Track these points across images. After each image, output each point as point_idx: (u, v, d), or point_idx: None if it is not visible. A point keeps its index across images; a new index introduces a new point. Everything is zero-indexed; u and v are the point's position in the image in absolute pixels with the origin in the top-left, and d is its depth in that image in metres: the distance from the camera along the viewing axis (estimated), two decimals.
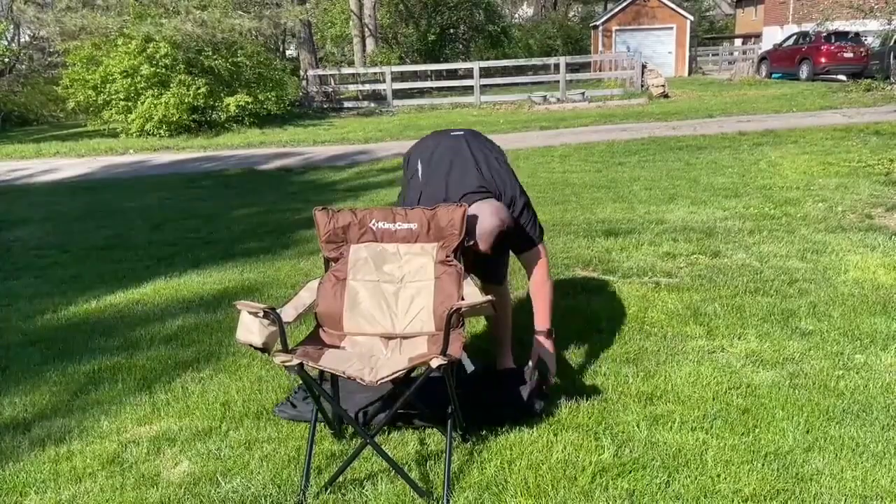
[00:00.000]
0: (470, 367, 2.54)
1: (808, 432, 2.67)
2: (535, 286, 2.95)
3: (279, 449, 2.72)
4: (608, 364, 3.33)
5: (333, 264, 2.77)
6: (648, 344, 3.52)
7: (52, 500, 2.46)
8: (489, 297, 2.39)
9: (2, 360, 3.77)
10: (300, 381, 3.17)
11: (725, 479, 2.41)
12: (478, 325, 3.81)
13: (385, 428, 2.76)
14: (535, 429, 2.77)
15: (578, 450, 2.62)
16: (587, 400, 2.97)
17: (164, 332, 4.08)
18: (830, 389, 2.98)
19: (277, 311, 2.43)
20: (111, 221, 7.62)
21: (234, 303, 2.52)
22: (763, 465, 2.48)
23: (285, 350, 2.39)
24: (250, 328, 2.37)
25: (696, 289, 4.25)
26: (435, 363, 2.26)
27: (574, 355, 3.46)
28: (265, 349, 2.39)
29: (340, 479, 2.47)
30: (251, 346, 2.41)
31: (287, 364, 2.32)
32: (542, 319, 2.92)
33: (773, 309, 3.88)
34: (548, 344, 2.90)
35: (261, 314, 2.36)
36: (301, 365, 2.32)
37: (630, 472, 2.47)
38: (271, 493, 2.43)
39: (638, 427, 2.76)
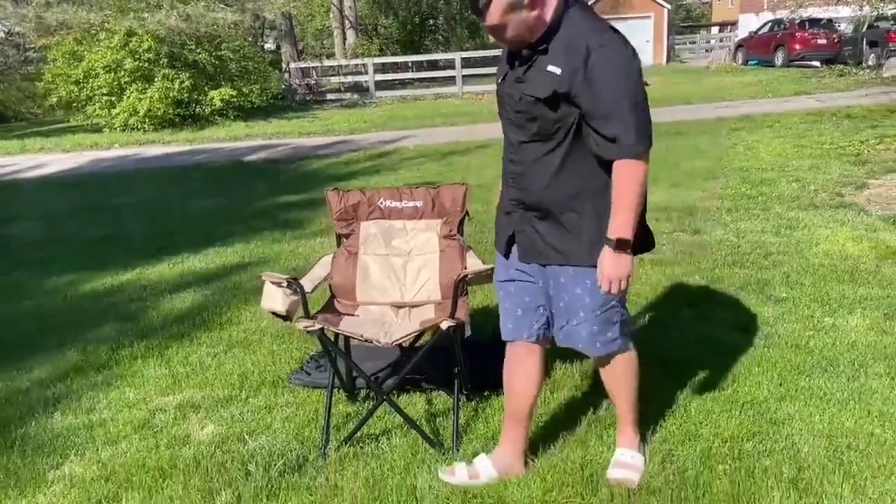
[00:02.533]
0: (468, 332, 2.76)
1: (780, 385, 2.94)
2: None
3: (298, 412, 2.95)
4: None
5: (345, 240, 2.99)
6: (634, 313, 3.77)
7: (94, 460, 2.67)
8: (491, 266, 2.61)
9: (21, 343, 3.95)
10: (311, 353, 3.42)
11: (707, 424, 2.67)
12: (473, 299, 4.04)
13: (395, 391, 2.98)
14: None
15: (574, 404, 2.86)
16: (578, 364, 3.21)
17: (175, 312, 4.28)
18: (801, 348, 3.25)
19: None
20: (105, 215, 7.75)
21: (260, 274, 2.73)
22: (740, 412, 2.74)
23: (307, 316, 2.61)
24: (274, 297, 2.59)
25: (678, 263, 4.52)
26: (445, 325, 2.49)
27: None
28: (287, 317, 2.62)
29: (357, 434, 2.69)
30: (275, 313, 2.63)
31: (309, 329, 2.54)
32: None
33: (749, 279, 4.15)
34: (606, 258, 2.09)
35: (284, 284, 2.57)
36: (322, 329, 2.55)
37: None
38: (295, 449, 2.65)
39: None
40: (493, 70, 22.55)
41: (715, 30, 40.73)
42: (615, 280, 2.08)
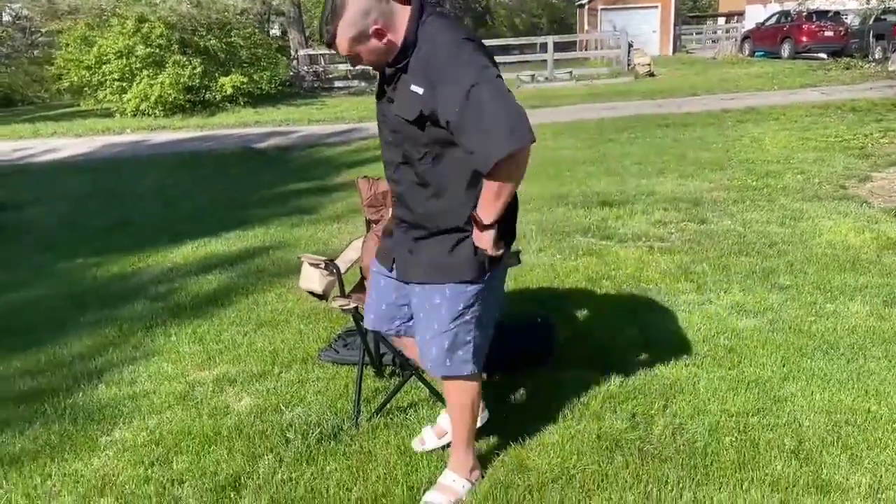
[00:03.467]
0: None
1: (784, 366, 3.12)
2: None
3: (329, 386, 3.13)
4: (610, 314, 3.76)
5: (374, 225, 3.16)
6: (645, 298, 3.95)
7: (141, 427, 2.86)
8: (518, 249, 2.79)
9: (58, 320, 4.14)
10: (338, 332, 3.60)
11: (714, 401, 2.85)
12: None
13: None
14: (549, 368, 3.18)
15: (588, 382, 3.04)
16: (593, 344, 3.40)
17: (203, 293, 4.46)
18: (804, 332, 3.43)
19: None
20: (123, 199, 7.94)
21: (283, 257, 2.90)
22: (746, 390, 2.92)
23: (343, 295, 2.79)
24: (312, 277, 2.77)
25: (686, 251, 4.69)
26: None
27: (579, 307, 3.88)
28: (324, 296, 2.80)
29: (387, 406, 2.88)
30: (312, 293, 2.81)
31: (345, 307, 2.72)
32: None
33: (755, 267, 4.33)
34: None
35: (321, 265, 2.75)
36: (356, 308, 2.72)
37: (633, 398, 2.90)
38: (329, 419, 2.84)
39: (639, 364, 3.18)
40: (499, 60, 22.71)
41: (721, 20, 40.61)
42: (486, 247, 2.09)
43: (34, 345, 3.79)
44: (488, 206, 2.02)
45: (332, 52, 2.10)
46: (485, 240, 2.07)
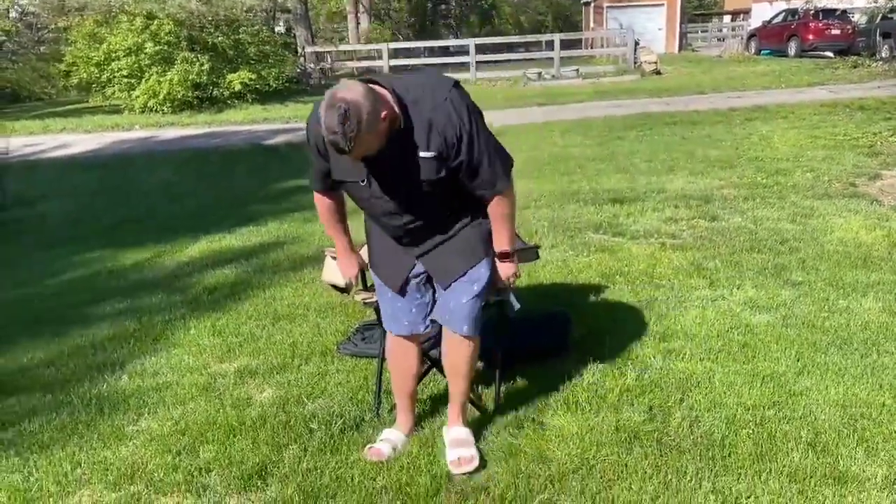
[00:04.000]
0: (517, 306, 2.97)
1: (798, 360, 3.15)
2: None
3: (349, 378, 3.18)
4: (624, 310, 3.80)
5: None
6: (658, 294, 3.99)
7: (167, 417, 2.91)
8: (535, 244, 2.83)
9: (80, 313, 4.20)
10: (356, 326, 3.65)
11: (730, 395, 2.89)
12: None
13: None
14: (566, 362, 3.22)
15: (605, 376, 3.08)
16: (608, 339, 3.43)
17: (220, 287, 4.52)
18: (817, 327, 3.47)
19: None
20: (134, 195, 8.01)
21: (322, 249, 2.95)
22: (761, 384, 2.96)
23: (365, 289, 2.84)
24: (334, 272, 2.81)
25: (698, 248, 4.73)
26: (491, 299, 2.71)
27: (592, 303, 3.92)
28: (346, 290, 2.84)
29: None
30: (334, 286, 2.85)
31: (367, 301, 2.77)
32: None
33: (766, 264, 4.36)
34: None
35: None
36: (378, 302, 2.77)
37: (650, 392, 2.95)
38: (351, 410, 2.89)
39: (654, 358, 3.23)
40: (505, 57, 22.59)
41: (727, 18, 40.56)
42: (509, 278, 2.53)
43: (57, 335, 3.85)
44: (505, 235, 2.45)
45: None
46: (513, 266, 2.50)
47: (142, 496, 2.42)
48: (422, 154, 2.17)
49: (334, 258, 2.82)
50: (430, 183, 2.23)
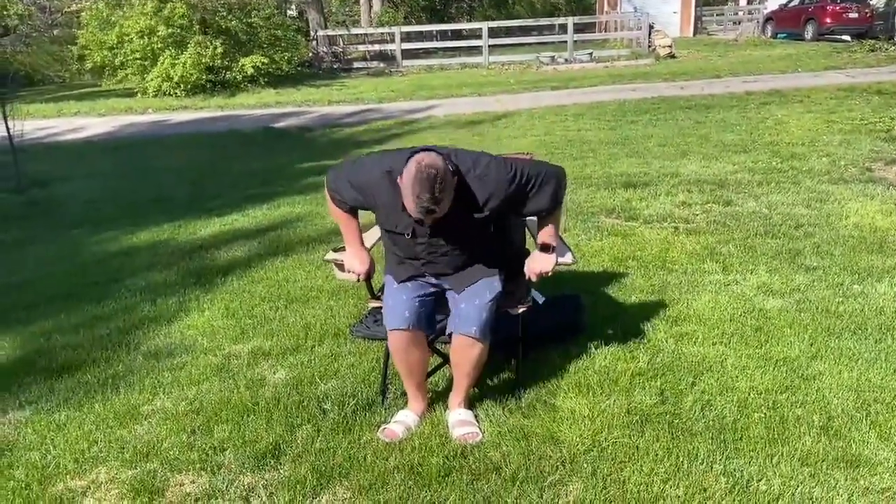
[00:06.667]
0: (541, 299, 2.96)
1: (811, 345, 3.14)
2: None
3: (361, 360, 3.20)
4: (637, 294, 3.79)
5: None
6: (671, 278, 3.98)
7: (182, 397, 2.94)
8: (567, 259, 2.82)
9: (96, 294, 4.24)
10: (369, 308, 3.65)
11: (742, 379, 2.89)
12: None
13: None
14: (578, 346, 3.22)
15: (617, 359, 3.08)
16: (620, 322, 3.43)
17: (234, 269, 4.54)
18: (831, 312, 3.45)
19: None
20: (149, 177, 8.04)
21: (324, 257, 2.94)
22: (774, 368, 2.95)
23: (373, 297, 2.88)
24: (342, 275, 2.82)
25: (711, 232, 4.70)
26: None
27: (605, 287, 3.91)
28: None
29: None
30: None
31: (377, 307, 2.79)
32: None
33: (781, 249, 4.34)
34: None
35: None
36: None
37: (662, 375, 2.94)
38: (363, 391, 2.91)
39: (666, 342, 3.22)
40: (518, 41, 22.40)
41: (743, 2, 39.99)
42: (542, 272, 2.62)
43: (73, 316, 3.90)
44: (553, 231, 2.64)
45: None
46: (550, 262, 2.62)
47: (157, 474, 2.45)
48: (475, 216, 2.47)
49: (338, 265, 2.79)
50: (482, 220, 2.49)
